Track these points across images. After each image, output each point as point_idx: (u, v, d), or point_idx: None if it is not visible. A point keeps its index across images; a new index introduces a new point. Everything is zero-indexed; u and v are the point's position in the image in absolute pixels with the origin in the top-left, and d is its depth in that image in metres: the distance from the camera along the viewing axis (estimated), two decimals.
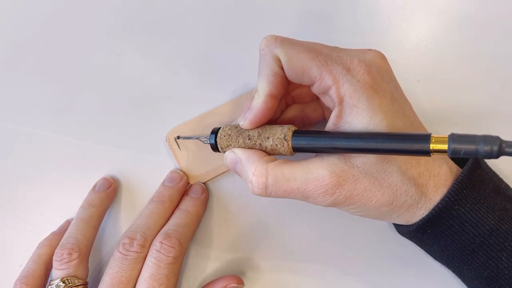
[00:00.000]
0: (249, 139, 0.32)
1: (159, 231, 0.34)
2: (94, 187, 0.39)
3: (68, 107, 0.41)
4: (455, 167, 0.31)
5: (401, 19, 0.41)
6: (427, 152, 0.25)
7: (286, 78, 0.31)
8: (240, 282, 0.35)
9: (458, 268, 0.33)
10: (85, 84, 0.42)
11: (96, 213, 0.37)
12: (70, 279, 0.33)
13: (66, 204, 0.40)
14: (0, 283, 0.39)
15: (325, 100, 0.31)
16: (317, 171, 0.29)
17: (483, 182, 0.30)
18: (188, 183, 0.38)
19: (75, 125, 0.41)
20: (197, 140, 0.37)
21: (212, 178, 0.39)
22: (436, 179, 0.30)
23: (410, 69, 0.40)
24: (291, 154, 0.31)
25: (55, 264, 0.33)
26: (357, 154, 0.29)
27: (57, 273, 0.33)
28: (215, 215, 0.39)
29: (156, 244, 0.33)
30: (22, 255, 0.38)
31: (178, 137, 0.38)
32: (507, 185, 0.33)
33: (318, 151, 0.30)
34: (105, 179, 0.39)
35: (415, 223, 0.31)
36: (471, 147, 0.23)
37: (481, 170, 0.31)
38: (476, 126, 0.38)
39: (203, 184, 0.39)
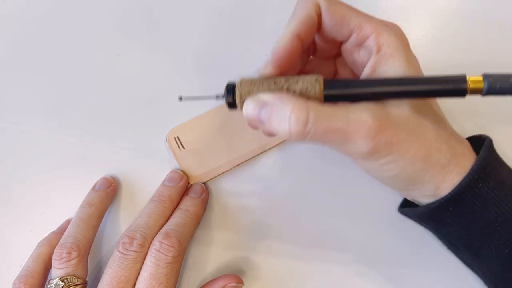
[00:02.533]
0: (274, 83, 0.28)
1: (159, 231, 0.34)
2: (94, 187, 0.39)
3: (68, 107, 0.41)
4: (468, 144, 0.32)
5: (401, 19, 0.41)
6: (463, 92, 0.26)
7: (318, 27, 0.30)
8: (240, 281, 0.35)
9: (477, 249, 0.32)
10: (85, 84, 0.42)
11: (96, 212, 0.37)
12: (69, 278, 0.33)
13: (66, 203, 0.40)
14: (0, 283, 0.39)
15: (358, 55, 0.31)
16: (359, 113, 0.28)
17: (501, 163, 0.31)
18: (188, 183, 0.38)
19: (75, 125, 0.41)
20: (198, 140, 0.37)
21: (212, 178, 0.39)
22: (462, 147, 0.30)
23: None
24: (321, 101, 0.28)
25: (54, 263, 0.33)
26: (394, 103, 0.28)
27: (56, 272, 0.33)
28: (215, 215, 0.39)
29: (156, 243, 0.33)
30: (22, 255, 0.38)
31: (181, 98, 0.32)
32: None
33: (351, 98, 0.29)
34: (105, 179, 0.39)
35: (436, 201, 0.30)
36: (505, 82, 0.25)
37: (496, 154, 0.31)
38: (476, 125, 0.38)
39: (203, 184, 0.38)
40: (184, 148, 0.39)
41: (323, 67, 0.36)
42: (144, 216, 0.35)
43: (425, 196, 0.32)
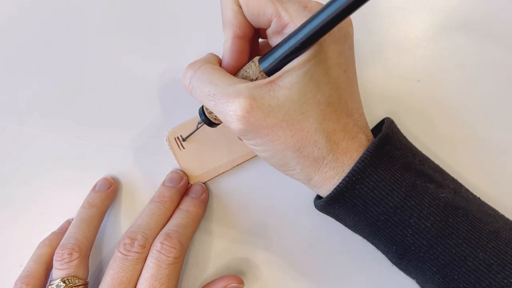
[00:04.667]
0: None
1: (159, 231, 0.34)
2: (94, 187, 0.39)
3: (68, 107, 0.41)
4: (371, 138, 0.31)
5: (401, 19, 0.41)
6: None
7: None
8: (240, 282, 0.35)
9: (372, 242, 0.33)
10: (86, 84, 0.42)
11: (97, 213, 0.37)
12: (71, 279, 0.33)
13: (66, 204, 0.40)
14: (0, 283, 0.39)
15: (276, 42, 0.30)
16: (239, 87, 0.28)
17: (391, 159, 0.30)
18: (188, 183, 0.39)
19: (75, 125, 0.41)
20: (198, 140, 0.37)
21: (212, 178, 0.39)
22: (349, 142, 0.29)
23: (410, 69, 0.40)
24: (263, 77, 0.29)
25: (55, 264, 0.34)
26: (285, 84, 0.28)
27: (57, 273, 0.33)
28: (215, 215, 0.39)
29: (157, 244, 0.33)
30: (22, 255, 0.38)
31: (184, 139, 0.38)
32: (424, 159, 0.32)
33: (284, 61, 0.28)
34: (105, 179, 0.39)
35: (322, 200, 0.31)
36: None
37: (390, 146, 0.30)
38: (476, 124, 0.39)
39: (203, 184, 0.39)
40: (184, 148, 0.39)
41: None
42: (145, 216, 0.35)
43: (303, 182, 0.31)
